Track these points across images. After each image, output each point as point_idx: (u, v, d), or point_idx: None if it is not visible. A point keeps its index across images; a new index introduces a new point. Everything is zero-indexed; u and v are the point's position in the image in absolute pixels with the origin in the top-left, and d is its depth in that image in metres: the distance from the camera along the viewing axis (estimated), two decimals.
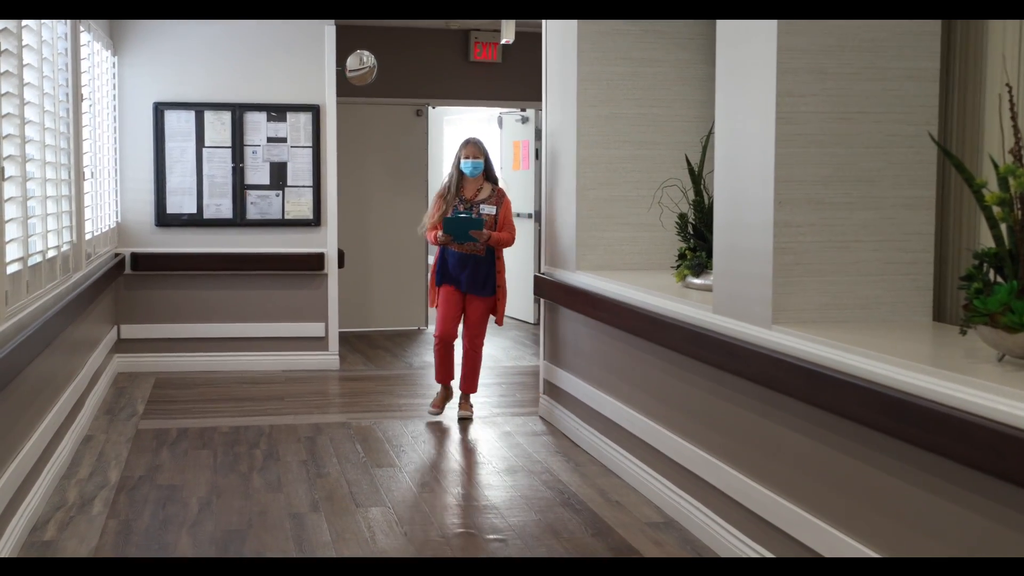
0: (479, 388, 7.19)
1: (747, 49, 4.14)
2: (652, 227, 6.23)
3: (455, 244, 6.70)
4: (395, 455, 6.05)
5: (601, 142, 6.27)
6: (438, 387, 7.06)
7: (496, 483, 5.53)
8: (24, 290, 4.56)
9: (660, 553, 4.51)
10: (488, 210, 6.73)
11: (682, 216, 5.41)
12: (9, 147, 4.22)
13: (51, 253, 5.30)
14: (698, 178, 5.32)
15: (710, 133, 5.58)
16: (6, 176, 4.09)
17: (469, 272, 6.74)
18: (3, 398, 4.03)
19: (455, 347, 6.94)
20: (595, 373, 6.00)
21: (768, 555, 4.09)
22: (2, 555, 4.11)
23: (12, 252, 4.30)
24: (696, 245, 5.27)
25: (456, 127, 14.19)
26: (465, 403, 6.99)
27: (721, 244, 4.42)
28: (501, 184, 7.01)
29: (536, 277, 6.90)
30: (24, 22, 4.59)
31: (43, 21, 5.13)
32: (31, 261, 4.75)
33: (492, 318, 6.99)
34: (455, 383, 7.05)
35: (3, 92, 4.03)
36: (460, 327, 6.94)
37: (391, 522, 4.89)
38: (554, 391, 6.76)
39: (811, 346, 3.71)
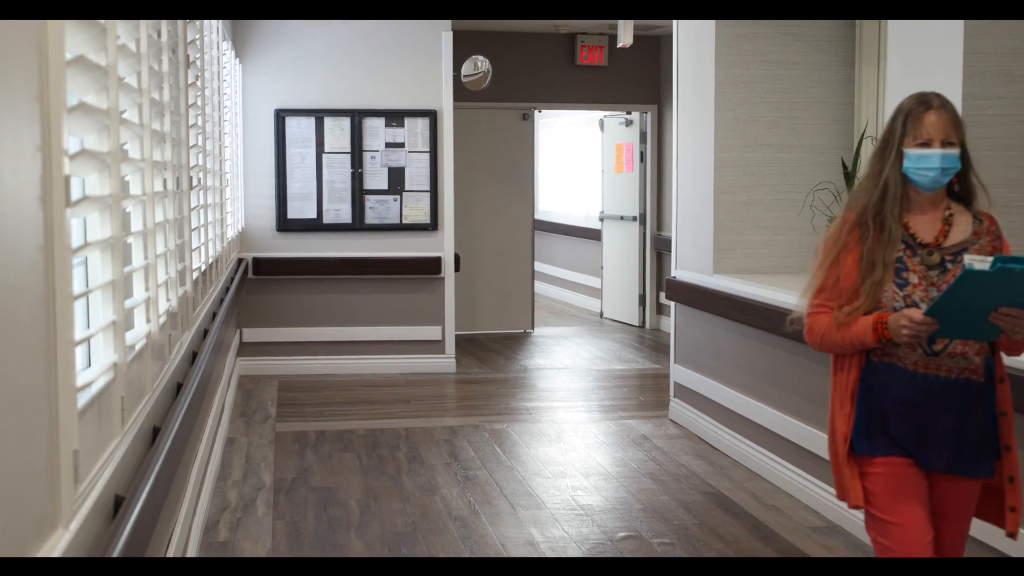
0: (596, 392, 7.13)
1: (927, 52, 4.13)
2: (789, 230, 6.22)
3: (898, 352, 2.96)
4: (536, 458, 6.09)
5: (739, 146, 6.27)
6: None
7: (645, 486, 5.54)
8: (200, 296, 4.67)
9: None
10: (981, 266, 2.73)
11: (832, 219, 5.38)
12: (192, 158, 4.32)
13: (210, 260, 5.41)
14: (852, 181, 5.30)
15: (863, 135, 5.57)
16: (193, 185, 4.20)
17: (953, 421, 2.94)
18: (198, 402, 4.12)
19: None
20: (738, 377, 5.99)
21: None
22: (189, 556, 4.20)
23: (195, 260, 4.39)
24: None
25: (552, 130, 14.21)
26: None
27: None
28: (982, 205, 3.06)
29: (668, 280, 6.90)
30: (196, 34, 4.69)
31: (204, 31, 5.23)
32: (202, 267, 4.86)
33: None
34: None
35: (191, 103, 4.13)
36: None
37: (552, 525, 4.93)
38: (687, 394, 6.76)
39: None
